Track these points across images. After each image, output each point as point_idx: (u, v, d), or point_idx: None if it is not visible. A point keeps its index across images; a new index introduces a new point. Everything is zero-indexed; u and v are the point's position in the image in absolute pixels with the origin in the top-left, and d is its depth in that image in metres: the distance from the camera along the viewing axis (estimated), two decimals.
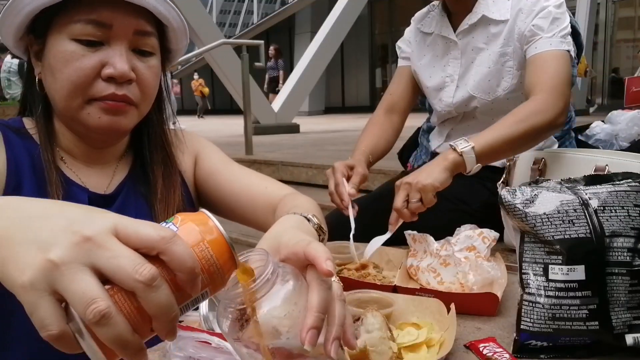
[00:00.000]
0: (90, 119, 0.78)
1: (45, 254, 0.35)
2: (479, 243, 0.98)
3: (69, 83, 0.76)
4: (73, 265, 0.35)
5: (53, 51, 0.77)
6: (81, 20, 0.75)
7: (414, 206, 1.07)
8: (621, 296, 0.69)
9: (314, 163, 3.87)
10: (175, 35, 0.86)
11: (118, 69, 0.76)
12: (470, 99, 1.44)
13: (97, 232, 0.36)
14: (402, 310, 0.82)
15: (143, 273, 0.36)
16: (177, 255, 0.38)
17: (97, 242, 0.36)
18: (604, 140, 1.69)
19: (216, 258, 0.41)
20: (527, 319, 0.71)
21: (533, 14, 1.30)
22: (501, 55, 1.37)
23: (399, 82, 1.60)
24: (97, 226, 0.37)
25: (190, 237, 0.41)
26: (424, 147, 1.73)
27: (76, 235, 0.36)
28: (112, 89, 0.77)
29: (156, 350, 0.74)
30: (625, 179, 0.75)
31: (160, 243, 0.37)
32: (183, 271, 0.38)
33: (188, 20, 5.35)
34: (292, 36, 18.33)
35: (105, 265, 0.36)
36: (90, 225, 0.37)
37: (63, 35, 0.76)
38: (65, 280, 0.35)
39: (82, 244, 0.36)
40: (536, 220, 0.72)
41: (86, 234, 0.36)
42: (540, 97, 1.21)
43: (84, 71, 0.75)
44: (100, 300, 0.34)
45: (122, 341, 0.36)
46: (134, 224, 0.38)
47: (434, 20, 1.50)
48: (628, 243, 0.69)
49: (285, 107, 8.85)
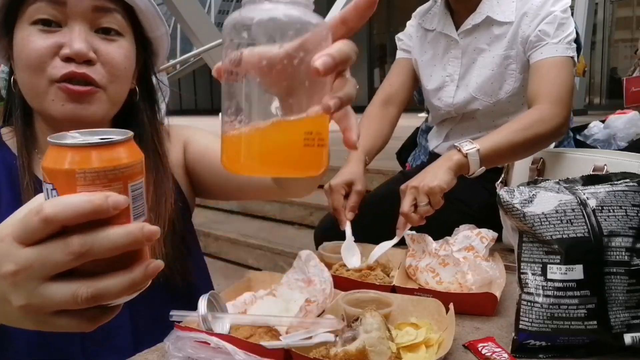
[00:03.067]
0: (54, 106, 0.74)
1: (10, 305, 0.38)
2: (477, 243, 0.98)
3: (28, 68, 0.73)
4: (30, 283, 0.37)
5: (16, 42, 0.75)
6: (35, 2, 0.72)
7: (423, 210, 1.06)
8: (619, 296, 0.69)
9: None
10: (146, 18, 0.81)
11: (74, 48, 0.72)
12: (472, 100, 1.44)
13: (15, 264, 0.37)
14: (400, 310, 0.82)
15: (71, 248, 0.35)
16: (66, 213, 0.35)
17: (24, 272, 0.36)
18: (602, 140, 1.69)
19: (100, 168, 0.36)
20: (526, 318, 0.71)
21: (539, 19, 1.30)
22: (505, 58, 1.37)
23: (399, 74, 1.58)
24: (10, 258, 0.37)
25: (66, 186, 0.36)
26: (423, 147, 1.73)
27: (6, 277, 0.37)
28: (72, 68, 0.73)
29: (155, 351, 0.74)
30: (623, 179, 0.75)
31: (41, 226, 0.36)
32: (83, 215, 0.35)
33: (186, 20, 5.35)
34: None
35: (45, 271, 0.36)
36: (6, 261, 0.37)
37: (24, 23, 0.74)
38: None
39: (13, 279, 0.37)
40: (534, 220, 0.72)
41: (9, 270, 0.37)
42: (545, 106, 1.22)
43: (39, 51, 0.72)
44: (79, 288, 0.36)
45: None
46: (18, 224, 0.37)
47: (436, 17, 1.49)
48: (626, 243, 0.70)
49: None
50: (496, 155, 1.15)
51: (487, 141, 1.15)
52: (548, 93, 1.23)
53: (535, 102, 1.24)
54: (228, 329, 0.75)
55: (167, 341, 0.67)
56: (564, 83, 1.25)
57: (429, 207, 1.06)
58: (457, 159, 1.11)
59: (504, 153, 1.17)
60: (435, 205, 1.06)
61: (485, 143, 1.14)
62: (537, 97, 1.25)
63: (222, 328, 0.73)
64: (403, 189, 1.11)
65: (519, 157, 1.28)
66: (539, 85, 1.26)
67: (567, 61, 1.27)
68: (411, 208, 1.07)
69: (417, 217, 1.07)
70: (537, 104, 1.24)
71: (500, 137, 1.17)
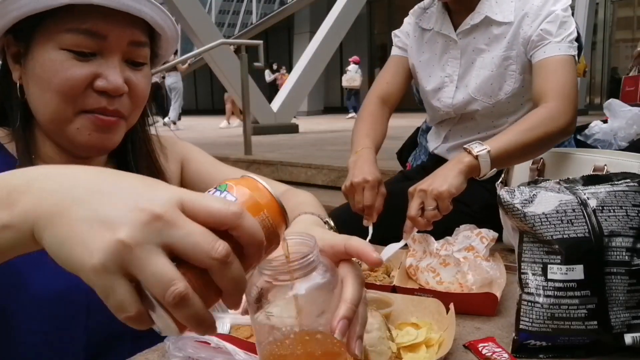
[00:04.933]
0: (80, 135, 0.74)
1: (114, 234, 0.33)
2: (477, 243, 0.98)
3: (58, 94, 0.71)
4: (145, 246, 0.34)
5: (40, 60, 0.72)
6: (73, 30, 0.70)
7: (430, 214, 1.04)
8: (620, 296, 0.69)
9: (313, 163, 3.87)
10: (168, 43, 0.83)
11: (112, 83, 0.72)
12: (471, 101, 1.43)
13: (166, 208, 0.35)
14: (401, 310, 0.82)
15: (218, 250, 0.35)
16: (248, 230, 0.37)
17: (168, 220, 0.35)
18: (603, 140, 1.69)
19: (273, 223, 0.41)
20: (526, 318, 0.71)
21: (540, 18, 1.30)
22: (504, 58, 1.37)
23: (395, 73, 1.56)
24: (165, 202, 0.35)
25: (251, 207, 0.40)
26: (423, 147, 1.73)
27: (145, 213, 0.34)
28: (104, 103, 0.73)
29: (155, 351, 0.74)
30: (624, 179, 0.75)
31: (231, 219, 0.37)
32: (253, 245, 0.38)
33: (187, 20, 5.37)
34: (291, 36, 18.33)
35: (179, 244, 0.35)
36: (158, 201, 0.35)
37: (52, 43, 0.71)
38: (139, 262, 0.34)
39: (152, 223, 0.34)
40: (535, 220, 0.72)
41: (156, 212, 0.34)
42: (552, 104, 1.21)
43: (75, 82, 0.71)
44: (177, 281, 0.34)
45: (198, 319, 0.36)
46: (201, 198, 0.37)
47: (433, 17, 1.48)
48: (627, 243, 0.70)
49: (284, 107, 8.85)
50: (507, 156, 1.14)
51: (497, 142, 1.14)
52: (555, 90, 1.23)
53: (542, 101, 1.24)
54: (228, 329, 0.75)
55: (167, 341, 0.67)
56: (569, 81, 1.25)
57: (436, 212, 1.04)
58: (468, 161, 1.10)
59: (515, 153, 1.16)
60: (444, 210, 1.05)
61: (496, 144, 1.13)
62: (544, 95, 1.24)
63: (222, 328, 0.73)
64: (411, 191, 1.09)
65: (529, 157, 1.27)
66: (545, 83, 1.26)
67: (569, 59, 1.27)
68: (418, 212, 1.05)
69: (424, 222, 1.05)
70: (544, 102, 1.23)
71: (510, 137, 1.16)
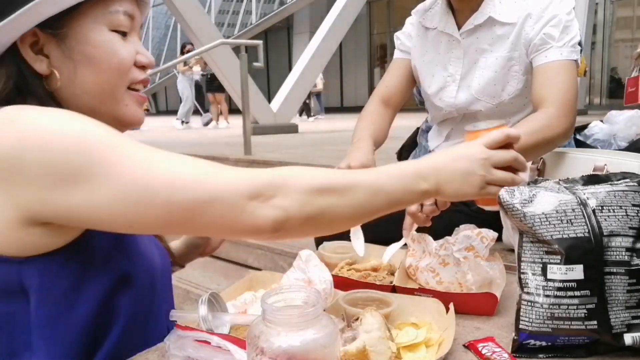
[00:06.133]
0: (129, 111, 0.80)
1: (479, 173, 0.76)
2: (477, 243, 0.98)
3: (116, 73, 0.77)
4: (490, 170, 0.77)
5: (92, 42, 0.75)
6: (114, 12, 0.77)
7: (428, 209, 1.04)
8: (620, 295, 0.69)
9: (313, 163, 3.87)
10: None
11: (148, 57, 0.81)
12: (474, 102, 1.43)
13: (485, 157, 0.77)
14: (401, 310, 0.82)
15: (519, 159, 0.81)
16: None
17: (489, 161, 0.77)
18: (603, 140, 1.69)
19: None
20: (526, 318, 0.72)
21: (543, 21, 1.29)
22: (508, 59, 1.36)
23: (397, 75, 1.58)
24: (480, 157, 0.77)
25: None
26: (423, 147, 1.73)
27: (485, 162, 0.76)
28: (144, 75, 0.81)
29: (155, 350, 0.74)
30: (623, 179, 0.75)
31: (504, 137, 0.80)
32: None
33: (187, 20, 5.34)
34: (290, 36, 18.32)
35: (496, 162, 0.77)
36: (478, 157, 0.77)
37: (99, 25, 0.75)
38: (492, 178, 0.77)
39: (484, 162, 0.76)
40: (534, 220, 0.72)
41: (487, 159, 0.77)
42: (552, 110, 1.22)
43: (129, 60, 0.78)
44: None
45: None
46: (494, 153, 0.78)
47: (437, 16, 1.47)
48: (626, 242, 0.70)
49: (284, 107, 8.85)
50: None
51: None
52: (555, 97, 1.24)
53: (542, 106, 1.24)
54: (228, 329, 0.75)
55: (167, 341, 0.67)
56: (570, 87, 1.25)
57: (434, 207, 1.05)
58: None
59: None
60: (442, 206, 1.05)
61: None
62: (543, 101, 1.25)
63: (222, 328, 0.74)
64: None
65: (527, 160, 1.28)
66: (545, 89, 1.26)
67: (571, 65, 1.28)
68: (418, 208, 1.06)
69: (424, 217, 1.06)
70: (544, 107, 1.24)
71: None
